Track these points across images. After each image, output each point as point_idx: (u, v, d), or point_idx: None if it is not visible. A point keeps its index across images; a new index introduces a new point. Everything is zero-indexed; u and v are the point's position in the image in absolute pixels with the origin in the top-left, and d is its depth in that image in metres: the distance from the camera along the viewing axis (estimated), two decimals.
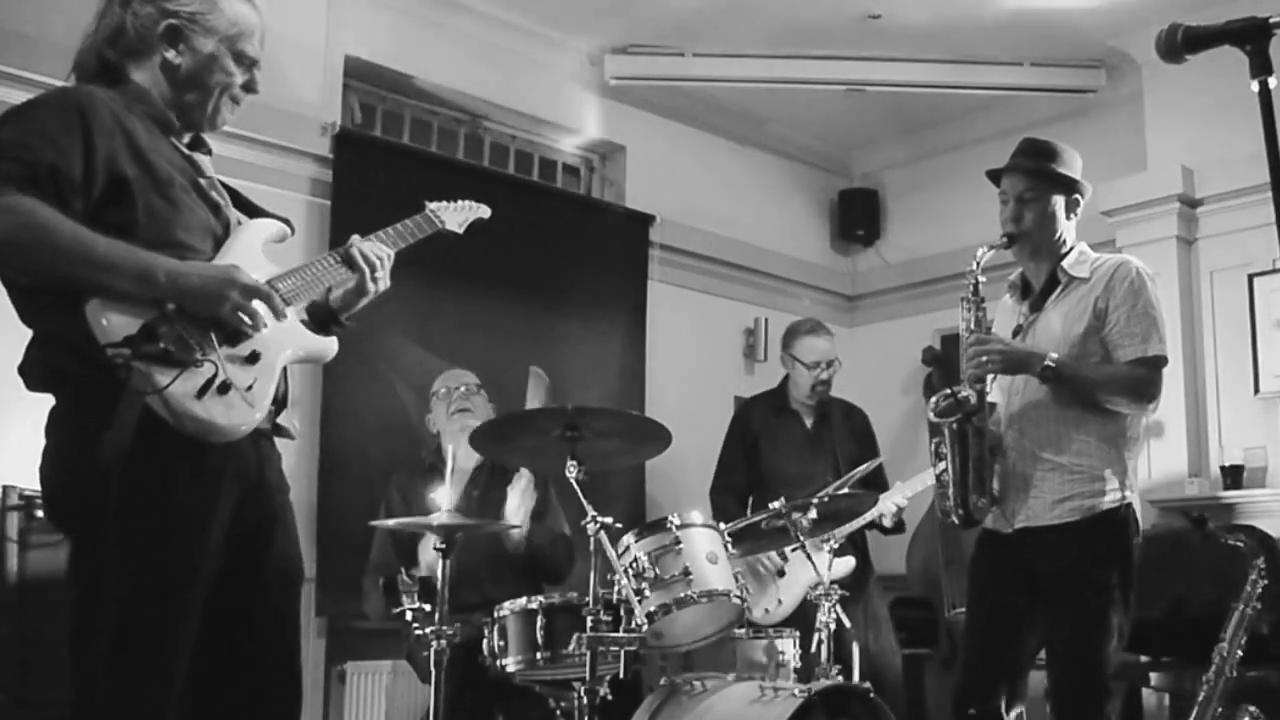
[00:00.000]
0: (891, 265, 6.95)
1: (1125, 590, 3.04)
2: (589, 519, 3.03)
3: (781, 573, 4.10)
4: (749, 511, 4.30)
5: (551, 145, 6.10)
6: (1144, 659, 4.74)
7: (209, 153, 2.27)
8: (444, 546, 3.13)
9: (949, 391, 3.08)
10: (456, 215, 2.68)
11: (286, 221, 2.32)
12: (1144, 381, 3.09)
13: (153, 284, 1.95)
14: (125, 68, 2.16)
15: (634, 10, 5.55)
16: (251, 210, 2.31)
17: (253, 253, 2.18)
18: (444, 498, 3.15)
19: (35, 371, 2.00)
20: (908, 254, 6.82)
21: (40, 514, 3.64)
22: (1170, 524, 5.04)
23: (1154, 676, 4.65)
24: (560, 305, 5.60)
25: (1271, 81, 1.68)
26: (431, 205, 2.64)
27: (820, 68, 5.92)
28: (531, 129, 5.94)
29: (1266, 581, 3.08)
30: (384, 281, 2.38)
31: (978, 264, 3.16)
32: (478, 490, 4.14)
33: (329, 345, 2.28)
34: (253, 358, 2.04)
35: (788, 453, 4.85)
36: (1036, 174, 3.20)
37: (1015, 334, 3.21)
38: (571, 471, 3.11)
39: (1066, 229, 3.23)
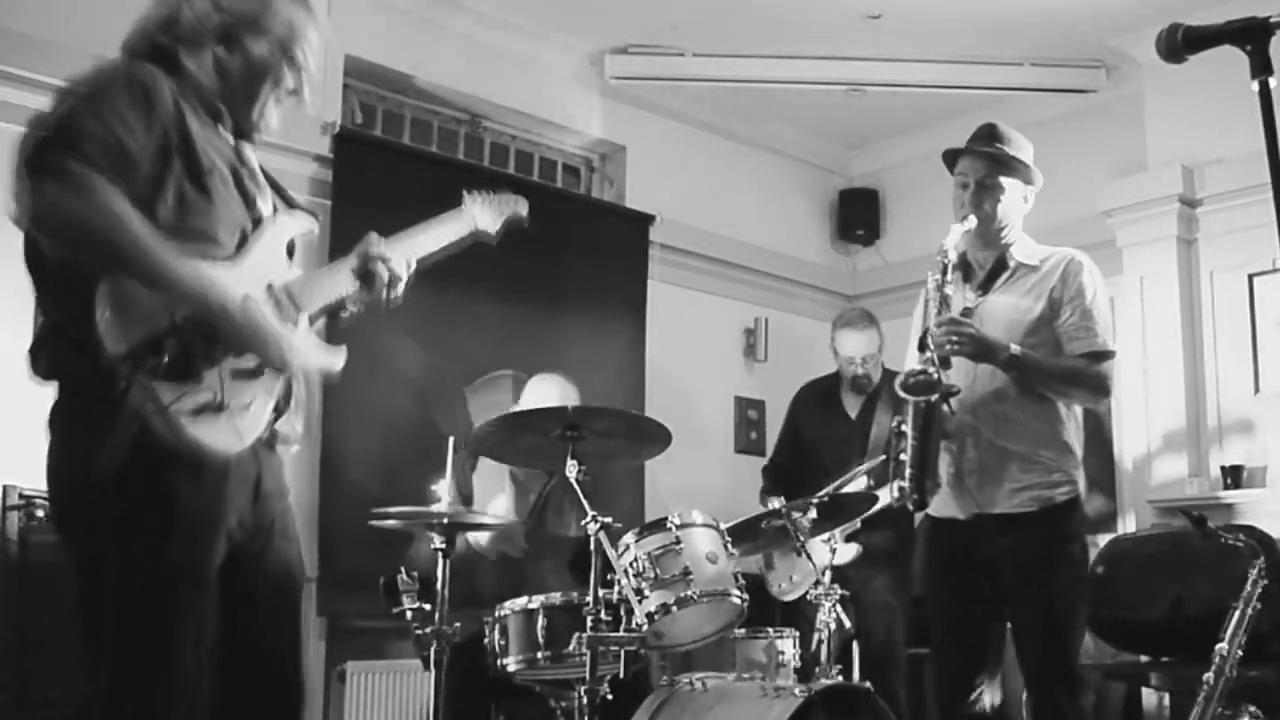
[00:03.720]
0: (891, 265, 6.95)
1: (1086, 583, 3.18)
2: (589, 519, 3.03)
3: (799, 552, 4.10)
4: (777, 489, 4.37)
5: (551, 145, 6.10)
6: (1144, 659, 4.73)
7: (253, 141, 2.26)
8: (443, 546, 3.13)
9: (922, 369, 3.07)
10: (491, 210, 2.64)
11: (314, 215, 2.32)
12: (1103, 375, 3.18)
13: (206, 309, 1.96)
14: (178, 55, 2.15)
15: (634, 10, 5.55)
16: (285, 199, 2.30)
17: (276, 252, 2.18)
18: (444, 491, 3.15)
19: (42, 360, 1.99)
20: (908, 254, 6.81)
21: (40, 514, 3.64)
22: (1170, 524, 5.04)
23: (1154, 676, 4.65)
24: (560, 305, 5.60)
25: (1271, 81, 1.68)
26: (469, 198, 2.62)
27: (820, 68, 5.92)
28: (531, 129, 5.94)
29: (1266, 581, 3.08)
30: (399, 293, 2.37)
31: (951, 246, 3.18)
32: (537, 497, 4.15)
33: (334, 360, 2.27)
34: (256, 371, 2.04)
35: (823, 438, 4.88)
36: (998, 160, 3.23)
37: (963, 315, 3.22)
38: (571, 471, 3.11)
39: (1019, 216, 3.28)
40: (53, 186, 1.87)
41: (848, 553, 4.34)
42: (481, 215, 2.62)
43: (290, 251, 2.25)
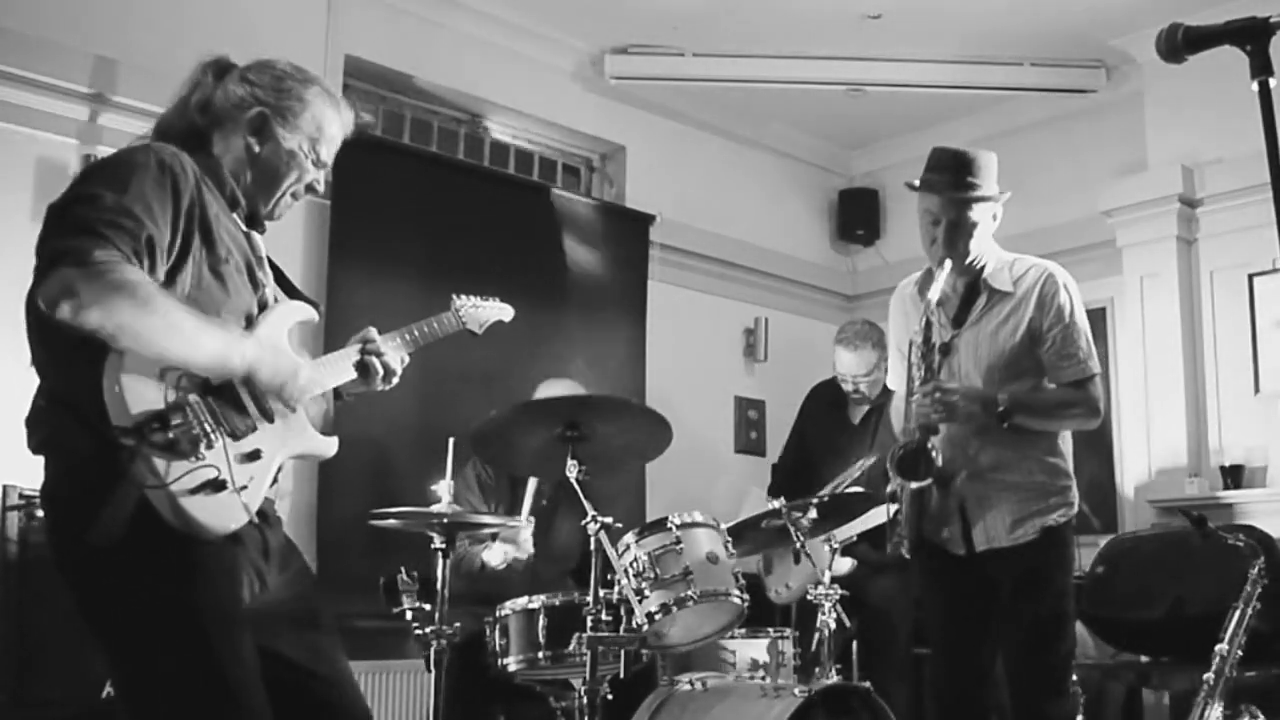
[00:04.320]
0: (891, 265, 6.94)
1: (1074, 597, 3.18)
2: (589, 519, 3.03)
3: (797, 559, 4.09)
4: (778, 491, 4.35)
5: (551, 145, 6.10)
6: (1144, 659, 4.73)
7: (263, 230, 2.28)
8: (443, 545, 3.13)
9: (914, 447, 3.05)
10: (479, 314, 2.76)
11: (315, 305, 2.33)
12: (1093, 399, 3.17)
13: (230, 365, 1.97)
14: (210, 137, 2.18)
15: (634, 10, 5.55)
16: (287, 287, 2.32)
17: (278, 339, 2.19)
18: (444, 491, 3.15)
19: (37, 433, 1.98)
20: (907, 254, 6.80)
21: (40, 514, 3.64)
22: (1170, 524, 5.04)
23: (1154, 676, 4.65)
24: (560, 305, 5.60)
25: (1271, 81, 1.68)
26: (458, 302, 2.71)
27: (820, 68, 5.92)
28: (531, 129, 5.94)
29: (1266, 581, 3.08)
30: (394, 384, 2.42)
31: (935, 300, 3.14)
32: (545, 500, 4.18)
33: (328, 445, 2.26)
34: (254, 455, 2.03)
35: (825, 443, 4.88)
36: (966, 201, 3.17)
37: (943, 351, 3.20)
38: (572, 471, 3.11)
39: (989, 236, 3.24)
40: (73, 273, 1.85)
41: (843, 566, 4.33)
42: (470, 318, 2.73)
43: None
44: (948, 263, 3.15)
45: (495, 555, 3.96)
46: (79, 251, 1.86)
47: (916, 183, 3.22)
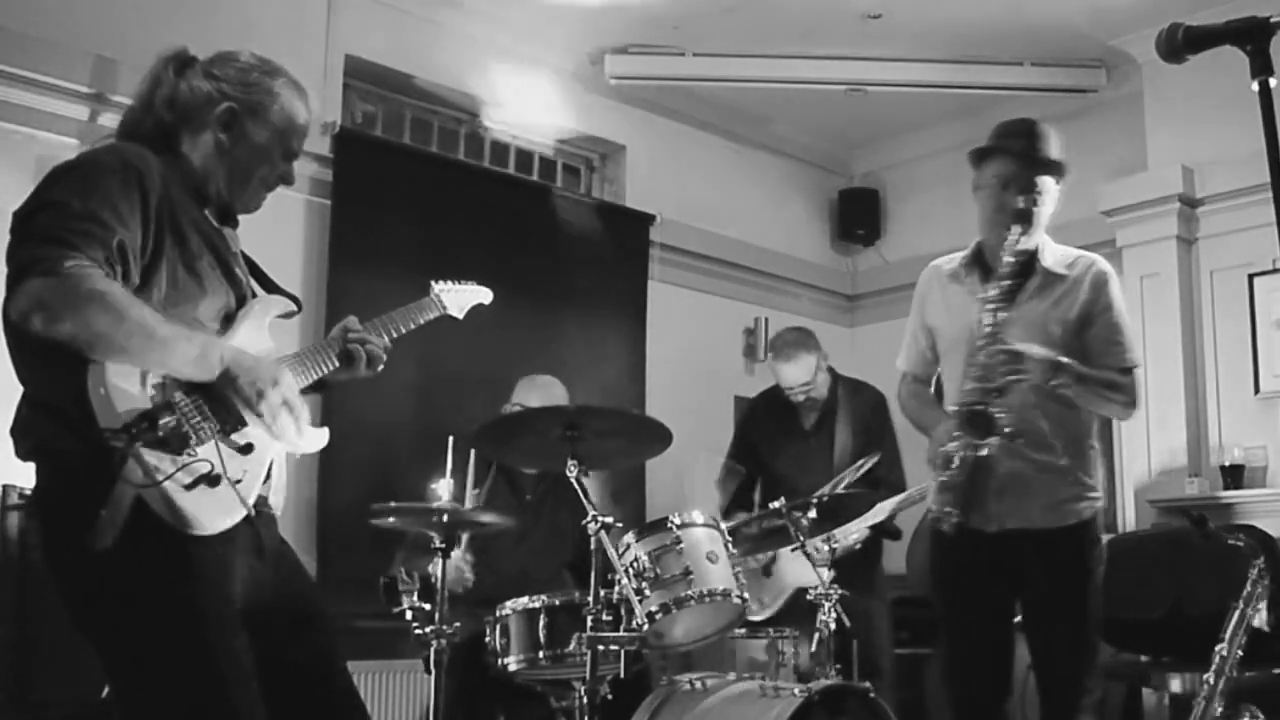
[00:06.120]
0: (891, 265, 6.95)
1: (1101, 595, 3.13)
2: (589, 518, 3.03)
3: (768, 572, 4.05)
4: (756, 499, 4.27)
5: (551, 145, 6.10)
6: (1144, 659, 4.74)
7: (236, 225, 2.27)
8: (444, 545, 3.13)
9: (980, 406, 2.96)
10: (459, 299, 2.74)
11: (295, 299, 2.32)
12: (1135, 390, 3.15)
13: (207, 370, 1.95)
14: (179, 134, 2.16)
15: (634, 10, 5.55)
16: (265, 282, 2.31)
17: (259, 332, 2.18)
18: (444, 490, 3.15)
19: (25, 441, 1.97)
20: (908, 254, 6.82)
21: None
22: (1170, 524, 5.04)
23: (1154, 676, 4.65)
24: (560, 305, 5.60)
25: (1272, 81, 1.68)
26: (437, 287, 2.69)
27: (820, 68, 5.92)
28: (532, 129, 5.94)
29: (1267, 581, 3.08)
30: (379, 370, 2.40)
31: (1010, 254, 3.06)
32: (534, 497, 4.18)
33: (319, 437, 2.26)
34: (246, 449, 2.03)
35: (786, 456, 4.74)
36: (1045, 164, 3.17)
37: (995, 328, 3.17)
38: (572, 471, 3.11)
39: (1044, 223, 3.23)
40: (43, 283, 1.84)
41: (823, 576, 4.29)
42: (450, 303, 2.71)
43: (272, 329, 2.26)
44: (1017, 228, 3.10)
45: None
46: (48, 261, 1.84)
47: (985, 147, 3.20)
